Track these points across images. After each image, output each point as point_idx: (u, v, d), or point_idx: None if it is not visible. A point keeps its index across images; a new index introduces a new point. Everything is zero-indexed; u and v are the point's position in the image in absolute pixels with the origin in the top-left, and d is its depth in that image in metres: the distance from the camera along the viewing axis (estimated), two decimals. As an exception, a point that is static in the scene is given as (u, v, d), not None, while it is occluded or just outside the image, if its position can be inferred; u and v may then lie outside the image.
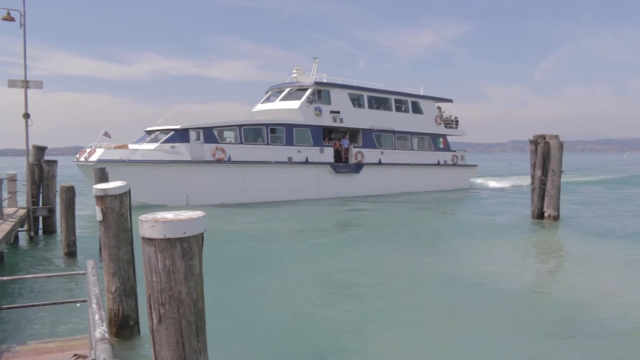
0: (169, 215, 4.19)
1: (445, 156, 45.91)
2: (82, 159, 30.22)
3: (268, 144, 34.77)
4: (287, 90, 38.90)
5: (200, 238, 4.20)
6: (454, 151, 47.12)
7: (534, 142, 24.33)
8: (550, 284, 13.78)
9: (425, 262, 16.12)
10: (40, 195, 20.12)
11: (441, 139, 45.97)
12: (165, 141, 31.25)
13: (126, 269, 8.66)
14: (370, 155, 40.20)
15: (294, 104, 37.22)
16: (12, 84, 20.44)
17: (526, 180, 54.38)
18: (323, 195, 36.68)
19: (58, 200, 18.26)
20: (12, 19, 19.96)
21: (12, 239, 16.34)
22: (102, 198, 8.39)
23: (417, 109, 44.72)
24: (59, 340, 8.03)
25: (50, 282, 13.00)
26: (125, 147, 30.67)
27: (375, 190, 39.37)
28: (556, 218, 23.79)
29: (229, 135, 34.08)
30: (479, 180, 52.02)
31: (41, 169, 20.24)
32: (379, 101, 42.64)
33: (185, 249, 4.09)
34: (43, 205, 20.03)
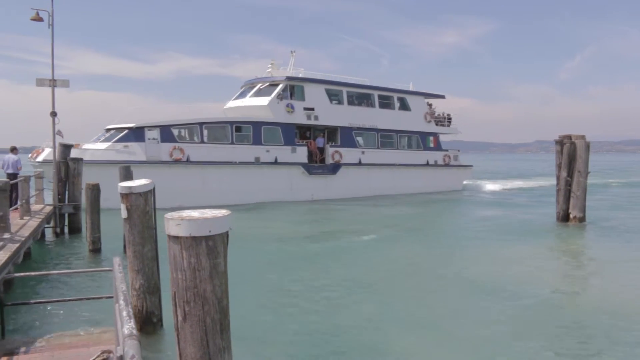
0: (195, 213, 4.22)
1: (436, 156, 43.08)
2: (32, 158, 28.93)
3: (233, 143, 32.62)
4: (258, 85, 36.55)
5: (225, 236, 4.22)
6: (446, 150, 44.32)
7: (560, 142, 24.01)
8: (576, 288, 13.54)
9: (447, 265, 15.96)
10: (66, 192, 20.43)
11: (431, 138, 43.12)
12: (119, 140, 29.52)
13: (150, 266, 8.75)
14: (349, 155, 37.57)
15: (264, 101, 34.93)
16: (40, 82, 20.81)
17: (528, 183, 53.23)
18: (295, 197, 34.16)
19: (83, 197, 18.53)
20: (40, 19, 20.32)
21: (39, 235, 16.62)
22: (127, 196, 8.48)
23: (404, 106, 42.06)
24: (84, 335, 8.15)
25: (76, 278, 13.19)
26: (77, 146, 28.19)
27: (354, 193, 36.83)
28: (582, 220, 23.45)
29: (189, 133, 32.08)
30: (478, 182, 50.19)
31: (67, 166, 20.55)
32: (361, 97, 40.00)
33: (210, 247, 4.12)
34: (69, 202, 20.33)
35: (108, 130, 31.03)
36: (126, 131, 29.85)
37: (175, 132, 31.08)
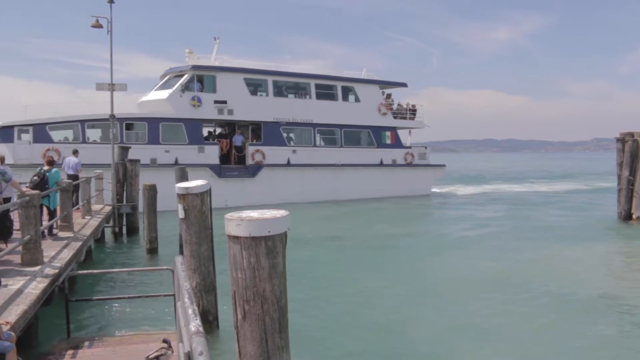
0: (254, 214, 4.29)
1: (394, 154, 36.85)
2: None
3: (122, 142, 27.83)
4: (167, 77, 32.37)
5: (284, 237, 4.28)
6: (408, 147, 38.12)
7: (621, 140, 23.20)
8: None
9: (505, 268, 15.53)
10: (125, 193, 21.05)
11: (388, 133, 36.88)
12: None
13: (206, 265, 8.91)
14: (274, 154, 32.42)
15: (164, 94, 30.71)
16: (99, 87, 21.59)
17: (519, 187, 48.03)
18: None
19: (141, 197, 19.06)
20: (100, 26, 21.08)
21: (99, 234, 17.18)
22: (184, 196, 8.68)
23: (350, 96, 36.31)
24: (143, 332, 8.40)
25: (133, 277, 13.58)
26: None
27: (281, 198, 30.65)
28: (646, 220, 22.61)
29: (67, 133, 28.54)
30: (534, 185, 45.23)
31: (125, 168, 21.19)
32: (292, 88, 34.99)
33: (269, 247, 4.17)
34: (127, 202, 20.94)
35: None
36: None
37: (53, 132, 27.66)
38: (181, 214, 8.65)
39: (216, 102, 31.34)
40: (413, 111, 38.87)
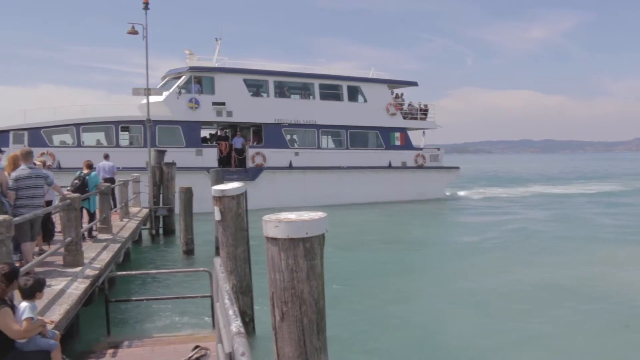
0: (292, 215, 4.31)
1: (404, 156, 35.26)
2: None
3: (117, 146, 28.01)
4: (167, 79, 31.99)
5: (321, 238, 4.29)
6: (419, 149, 36.44)
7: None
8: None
9: (550, 272, 15.07)
10: (161, 195, 21.38)
11: (397, 134, 35.35)
12: None
13: (243, 267, 8.99)
14: (275, 157, 31.32)
15: (161, 97, 29.84)
16: (136, 92, 22.02)
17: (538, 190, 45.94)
18: (202, 208, 21.69)
19: (177, 200, 19.33)
20: (136, 33, 21.53)
21: (136, 236, 17.49)
22: (220, 199, 8.77)
23: (356, 96, 34.89)
24: (181, 332, 8.52)
25: (169, 278, 13.75)
26: None
27: (282, 202, 28.08)
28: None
29: (64, 137, 28.32)
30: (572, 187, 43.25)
31: (161, 171, 21.53)
32: (295, 88, 33.96)
33: (307, 249, 4.20)
34: (163, 205, 21.27)
35: None
36: None
37: (46, 135, 27.32)
38: (217, 216, 8.74)
39: (214, 103, 30.63)
40: (424, 111, 37.17)
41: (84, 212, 12.74)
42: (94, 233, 13.21)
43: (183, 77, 30.43)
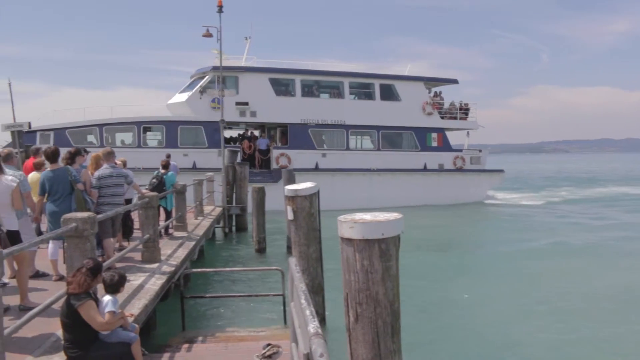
0: (367, 216, 4.27)
1: (441, 158, 33.17)
2: None
3: (140, 146, 27.91)
4: (193, 79, 31.38)
5: (397, 240, 4.22)
6: (459, 151, 34.25)
7: None
8: None
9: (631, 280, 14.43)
10: (234, 195, 21.84)
11: (434, 135, 33.22)
12: (7, 147, 25.36)
13: (315, 266, 9.01)
14: (301, 158, 29.79)
15: (183, 97, 29.99)
16: (210, 93, 22.57)
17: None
18: None
19: (249, 199, 19.68)
20: (210, 35, 22.10)
21: (210, 234, 17.92)
22: (292, 198, 8.82)
23: (389, 95, 32.90)
24: (254, 330, 8.63)
25: (241, 276, 13.97)
26: None
27: None
28: None
29: (89, 137, 28.43)
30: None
31: (234, 170, 21.99)
32: (323, 86, 32.55)
33: (383, 250, 4.14)
34: (236, 204, 21.71)
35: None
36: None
37: (71, 136, 27.39)
38: (290, 216, 8.80)
39: (237, 103, 29.54)
40: (465, 110, 34.99)
41: (161, 210, 13.17)
42: (170, 231, 13.64)
43: (206, 77, 29.91)
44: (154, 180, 13.55)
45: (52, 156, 8.33)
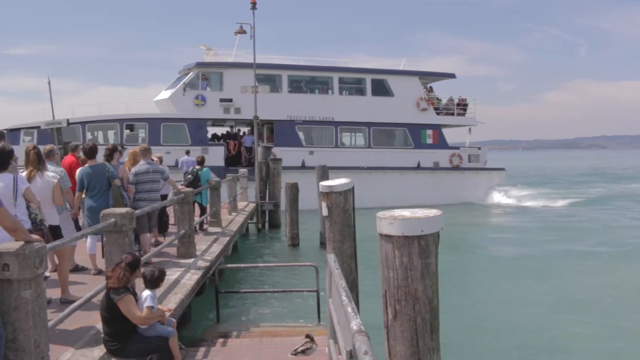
0: (406, 213, 4.22)
1: (436, 156, 31.58)
2: None
3: (122, 144, 27.19)
4: (179, 75, 30.95)
5: (436, 237, 4.17)
6: (456, 148, 32.61)
7: None
8: None
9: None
10: (267, 191, 21.95)
11: (429, 132, 31.64)
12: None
13: (349, 263, 8.95)
14: (287, 155, 27.68)
15: (167, 94, 29.40)
16: (244, 89, 22.75)
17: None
18: None
19: (282, 195, 19.76)
20: (244, 32, 22.28)
21: (244, 230, 18.05)
22: (327, 195, 8.78)
23: (381, 90, 31.47)
24: (289, 325, 8.64)
25: (273, 270, 14.02)
26: None
27: None
28: None
29: (76, 136, 27.16)
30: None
31: (268, 167, 22.10)
32: (312, 82, 31.61)
33: (422, 247, 4.09)
34: (269, 200, 21.82)
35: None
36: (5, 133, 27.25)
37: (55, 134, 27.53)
38: (325, 212, 8.76)
39: (222, 100, 29.06)
40: (463, 106, 33.34)
41: (196, 205, 13.30)
42: (205, 226, 13.76)
43: (190, 74, 29.42)
44: (190, 176, 13.70)
45: (90, 152, 8.47)
